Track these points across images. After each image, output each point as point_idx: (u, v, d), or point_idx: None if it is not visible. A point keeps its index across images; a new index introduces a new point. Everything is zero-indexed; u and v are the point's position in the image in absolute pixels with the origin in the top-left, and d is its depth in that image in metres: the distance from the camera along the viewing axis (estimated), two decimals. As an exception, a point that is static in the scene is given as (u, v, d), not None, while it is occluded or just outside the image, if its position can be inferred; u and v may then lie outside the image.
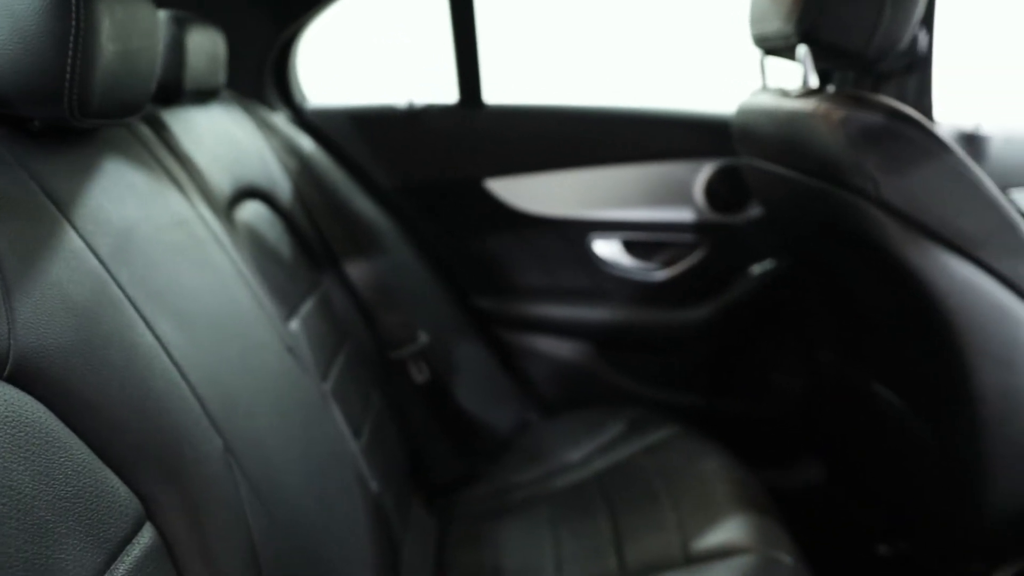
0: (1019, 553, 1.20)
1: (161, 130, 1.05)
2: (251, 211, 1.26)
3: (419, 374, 1.58)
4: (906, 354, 1.24)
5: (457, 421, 1.65)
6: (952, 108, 1.71)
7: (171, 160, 0.97)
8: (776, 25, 1.21)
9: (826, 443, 1.75)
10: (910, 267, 1.05)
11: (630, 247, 1.80)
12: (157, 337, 0.69)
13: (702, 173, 1.75)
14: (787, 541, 1.21)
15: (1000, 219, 1.05)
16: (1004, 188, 1.70)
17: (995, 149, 1.72)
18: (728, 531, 1.19)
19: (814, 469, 1.79)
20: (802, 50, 1.18)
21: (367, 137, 1.80)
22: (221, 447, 0.70)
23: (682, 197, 1.77)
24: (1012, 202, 1.72)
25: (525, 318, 1.81)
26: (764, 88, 1.39)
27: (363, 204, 1.66)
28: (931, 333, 1.08)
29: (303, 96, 1.83)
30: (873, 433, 1.45)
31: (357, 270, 1.54)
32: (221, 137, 1.27)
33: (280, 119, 1.67)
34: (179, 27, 1.15)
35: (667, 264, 1.80)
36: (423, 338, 1.58)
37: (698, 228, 1.77)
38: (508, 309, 1.81)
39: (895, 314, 1.20)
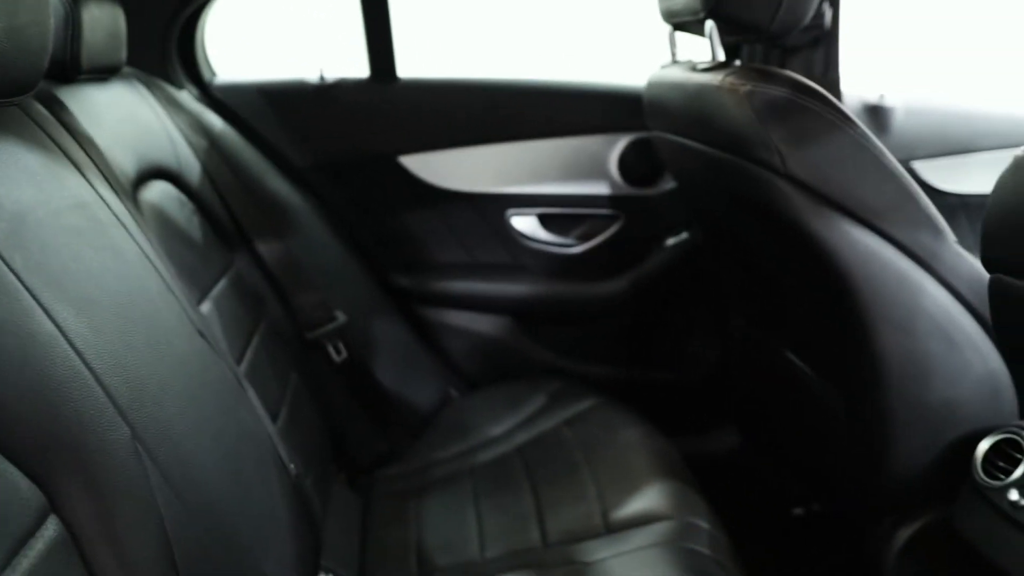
0: (923, 508, 1.26)
1: (58, 109, 1.01)
2: (158, 192, 1.22)
3: (337, 354, 1.56)
4: (814, 322, 1.28)
5: (377, 399, 1.64)
6: (858, 80, 1.76)
7: (69, 140, 0.94)
8: (684, 0, 1.23)
9: (741, 410, 1.80)
10: (816, 237, 1.08)
11: (547, 221, 1.81)
12: (56, 324, 0.67)
13: (616, 147, 1.77)
14: (704, 507, 1.24)
15: (900, 190, 1.08)
16: (908, 159, 1.78)
17: (898, 120, 1.77)
18: (647, 499, 1.22)
19: (730, 436, 1.84)
20: (709, 25, 1.20)
21: (278, 113, 1.76)
22: (128, 435, 0.69)
23: (597, 171, 1.78)
24: (914, 172, 1.80)
25: (443, 294, 1.80)
26: (673, 62, 1.41)
27: (275, 182, 1.63)
28: (836, 301, 1.12)
29: (211, 72, 1.78)
30: (785, 399, 1.49)
31: (271, 250, 1.51)
32: (123, 116, 1.23)
33: (186, 97, 1.63)
34: (74, 2, 1.11)
35: (584, 237, 1.82)
36: (340, 317, 1.56)
37: (613, 201, 1.79)
38: (426, 286, 1.80)
39: (803, 283, 1.23)
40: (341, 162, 1.79)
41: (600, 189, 1.78)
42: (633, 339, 1.90)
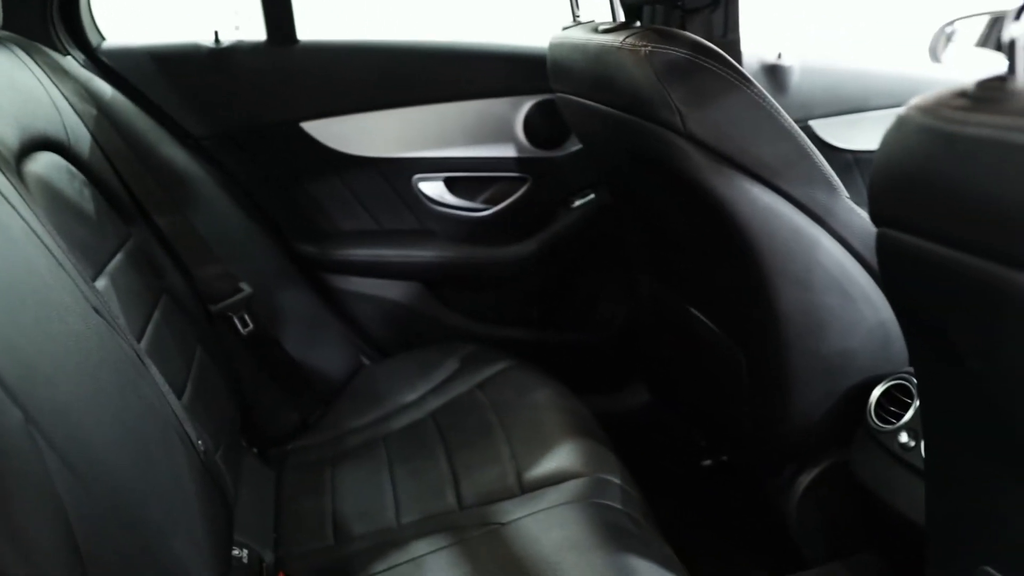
0: (822, 454, 1.31)
1: None
2: (44, 164, 1.16)
3: (244, 326, 1.53)
4: (716, 278, 1.31)
5: (288, 370, 1.61)
6: (757, 41, 1.79)
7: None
8: None
9: (650, 367, 1.84)
10: (716, 195, 1.10)
11: (454, 186, 1.81)
12: (-64, 308, 0.64)
13: (521, 109, 1.76)
14: (615, 463, 1.27)
15: (795, 148, 1.11)
16: (805, 118, 1.83)
17: (795, 80, 1.82)
18: (559, 458, 1.24)
19: (640, 393, 1.88)
20: (610, -14, 1.20)
21: (172, 79, 1.69)
22: (21, 419, 0.66)
23: (503, 134, 1.78)
24: (811, 130, 1.85)
25: (351, 262, 1.78)
26: (575, 23, 1.41)
27: (172, 152, 1.57)
28: (736, 257, 1.14)
29: (99, 36, 1.70)
30: (691, 355, 1.53)
31: (169, 223, 1.46)
32: (1, 84, 1.16)
33: (72, 63, 1.55)
34: None
35: (491, 201, 1.81)
36: (245, 289, 1.53)
37: (520, 164, 1.79)
38: (333, 254, 1.78)
39: (705, 240, 1.26)
40: (240, 129, 1.74)
41: (506, 152, 1.78)
42: (543, 301, 1.91)
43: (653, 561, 1.04)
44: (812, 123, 1.84)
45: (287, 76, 1.73)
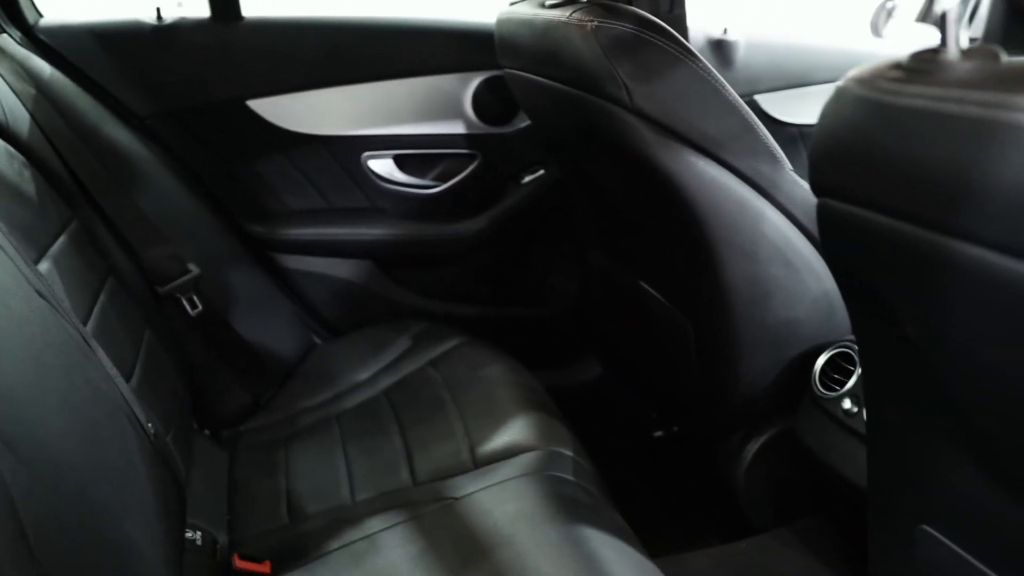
0: (768, 422, 1.34)
1: None
2: None
3: (192, 307, 1.51)
4: (664, 251, 1.32)
5: (238, 351, 1.60)
6: (703, 17, 1.80)
7: None
8: None
9: (601, 341, 1.85)
10: (663, 169, 1.12)
11: (403, 163, 1.80)
12: None
13: (470, 86, 1.76)
14: (568, 436, 1.28)
15: (740, 122, 1.12)
16: (750, 92, 1.85)
17: (741, 55, 1.83)
18: (512, 433, 1.25)
19: (592, 367, 1.90)
20: (556, -39, 1.20)
21: (113, 57, 1.65)
22: (-38, 404, 0.65)
23: (452, 111, 1.77)
24: (756, 104, 1.87)
25: (301, 241, 1.77)
26: (522, -2, 1.41)
27: (115, 131, 1.54)
28: (684, 230, 1.16)
29: (36, 13, 1.66)
30: (641, 328, 1.55)
31: (114, 204, 1.43)
32: None
33: (8, 41, 1.51)
34: None
35: (441, 178, 1.81)
36: (194, 269, 1.51)
37: (469, 140, 1.78)
38: (282, 233, 1.76)
39: (653, 214, 1.27)
40: (185, 108, 1.71)
41: (455, 129, 1.78)
42: (495, 277, 1.92)
43: (605, 531, 1.05)
44: (757, 97, 1.86)
45: (232, 53, 1.71)
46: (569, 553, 0.99)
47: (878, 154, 0.58)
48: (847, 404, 1.16)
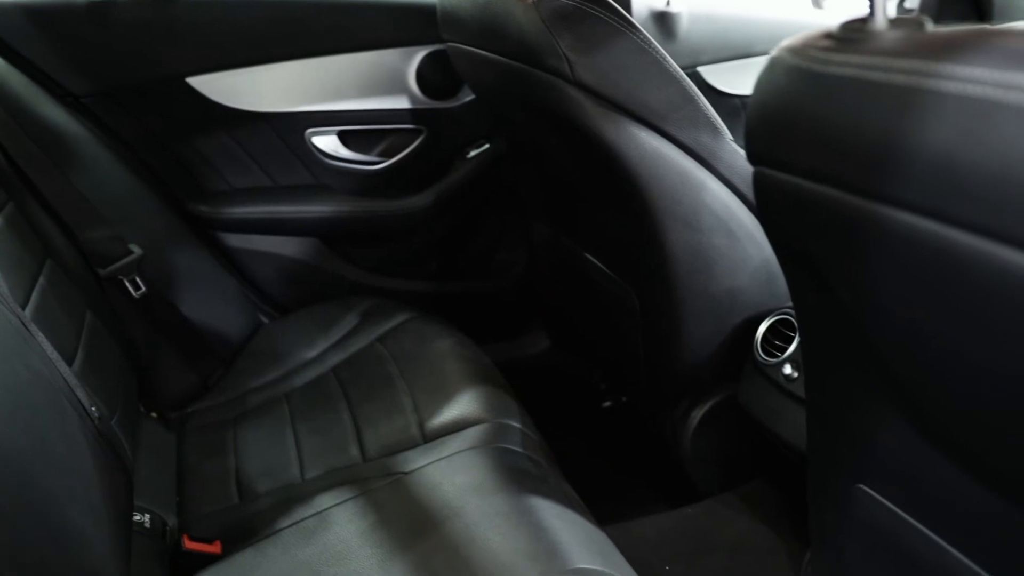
0: (713, 389, 1.37)
1: None
2: None
3: (136, 289, 1.49)
4: (609, 223, 1.33)
5: (184, 332, 1.58)
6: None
7: None
8: None
9: (549, 314, 1.87)
10: (605, 141, 1.12)
11: (348, 139, 1.78)
12: None
13: (413, 60, 1.74)
14: (516, 408, 1.29)
15: (681, 93, 1.13)
16: (693, 64, 1.86)
17: (684, 27, 1.85)
18: (461, 406, 1.26)
19: (540, 340, 1.91)
20: (496, -67, 1.19)
21: (47, 35, 1.60)
22: None
23: (396, 85, 1.76)
24: (699, 76, 1.89)
25: (245, 220, 1.74)
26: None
27: (51, 111, 1.50)
28: (627, 201, 1.17)
29: (-38, -10, 1.61)
30: (587, 301, 1.56)
31: (51, 185, 1.40)
32: None
33: (-66, 18, 1.47)
34: None
35: (386, 153, 1.80)
36: (136, 251, 1.49)
37: (414, 115, 1.77)
38: (227, 212, 1.73)
39: (597, 186, 1.28)
40: (123, 86, 1.67)
41: (400, 104, 1.76)
42: (442, 252, 1.92)
43: (554, 500, 1.07)
44: (700, 69, 1.87)
45: (170, 29, 1.67)
46: (518, 523, 1.00)
47: (809, 122, 0.59)
48: (787, 370, 1.18)
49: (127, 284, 1.49)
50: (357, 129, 1.78)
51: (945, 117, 0.49)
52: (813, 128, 0.59)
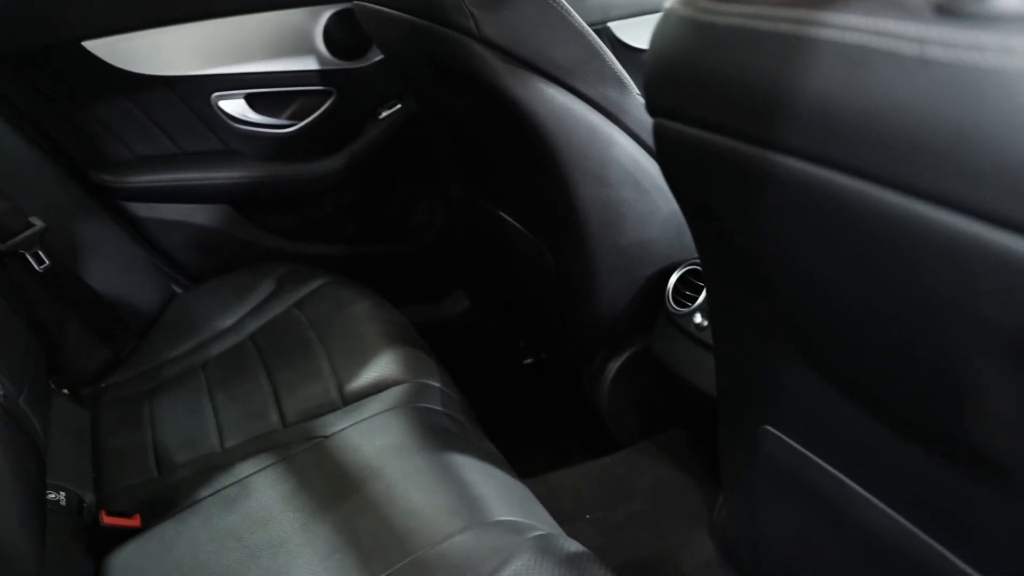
0: (628, 341, 1.39)
1: None
2: None
3: (39, 263, 1.44)
4: (521, 180, 1.34)
5: (94, 306, 1.54)
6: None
7: None
8: None
9: (467, 274, 1.87)
10: (512, 97, 1.12)
11: (256, 102, 1.74)
12: None
13: (320, 20, 1.71)
14: (435, 367, 1.30)
15: (587, 48, 1.14)
16: (603, 20, 1.87)
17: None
18: (379, 368, 1.26)
19: (460, 300, 1.91)
20: None
21: None
22: None
23: (303, 46, 1.72)
24: (610, 32, 1.89)
25: (153, 188, 1.70)
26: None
27: None
28: (537, 158, 1.17)
29: None
30: (504, 259, 1.57)
31: None
32: None
33: None
34: None
35: (296, 116, 1.76)
36: (37, 223, 1.44)
37: (323, 77, 1.74)
38: (133, 181, 1.68)
39: (507, 143, 1.28)
40: (16, 52, 1.60)
41: (308, 65, 1.73)
42: (357, 215, 1.90)
43: (474, 456, 1.08)
44: (611, 25, 1.88)
45: None
46: (438, 480, 1.01)
47: (700, 73, 0.60)
48: (698, 319, 1.21)
49: (29, 258, 1.44)
50: (265, 92, 1.74)
51: (825, 64, 0.50)
52: (704, 78, 0.60)
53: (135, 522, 1.10)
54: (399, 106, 1.79)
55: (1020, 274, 0.43)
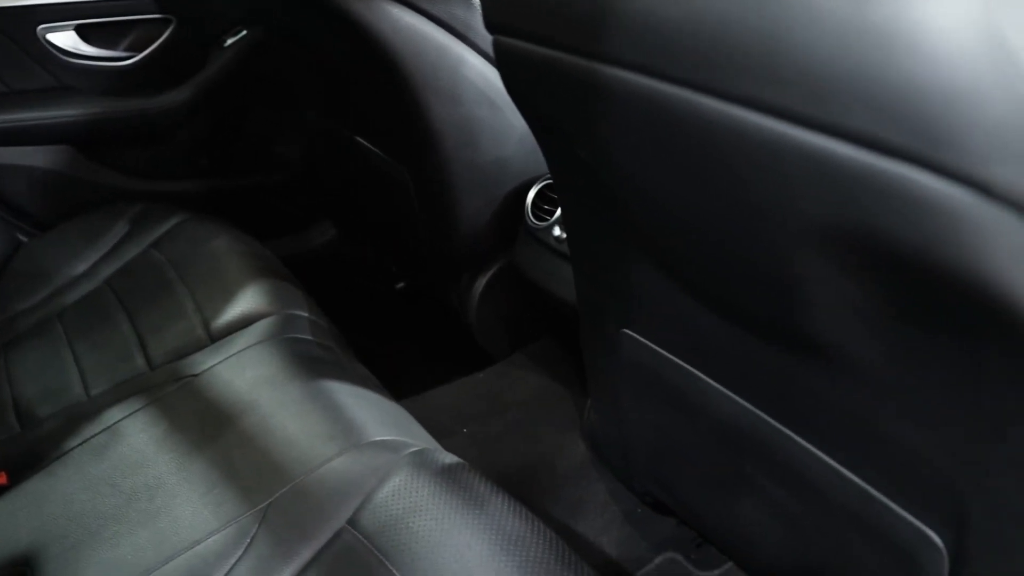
0: (492, 258, 1.42)
1: None
2: None
3: None
4: (375, 104, 1.33)
5: (-69, 261, 1.46)
6: None
7: None
8: None
9: (332, 203, 1.85)
10: (360, 20, 1.11)
11: (89, 34, 1.64)
12: None
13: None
14: (302, 297, 1.29)
15: None
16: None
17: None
18: (245, 302, 1.24)
19: (327, 230, 1.89)
20: None
21: None
22: None
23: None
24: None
25: None
26: None
27: None
28: (389, 81, 1.17)
29: None
30: (366, 186, 1.56)
31: None
32: None
33: None
34: None
35: (134, 48, 1.67)
36: None
37: (161, 3, 1.65)
38: None
39: (359, 68, 1.26)
40: None
41: None
42: (212, 148, 1.84)
43: (348, 381, 1.09)
44: None
45: None
46: (312, 407, 1.02)
47: (533, -11, 0.61)
48: (557, 231, 1.25)
49: None
50: (97, 22, 1.64)
51: (646, -23, 0.52)
52: (536, -5, 0.61)
53: (2, 480, 1.07)
54: (245, 32, 1.72)
55: (828, 170, 0.46)
